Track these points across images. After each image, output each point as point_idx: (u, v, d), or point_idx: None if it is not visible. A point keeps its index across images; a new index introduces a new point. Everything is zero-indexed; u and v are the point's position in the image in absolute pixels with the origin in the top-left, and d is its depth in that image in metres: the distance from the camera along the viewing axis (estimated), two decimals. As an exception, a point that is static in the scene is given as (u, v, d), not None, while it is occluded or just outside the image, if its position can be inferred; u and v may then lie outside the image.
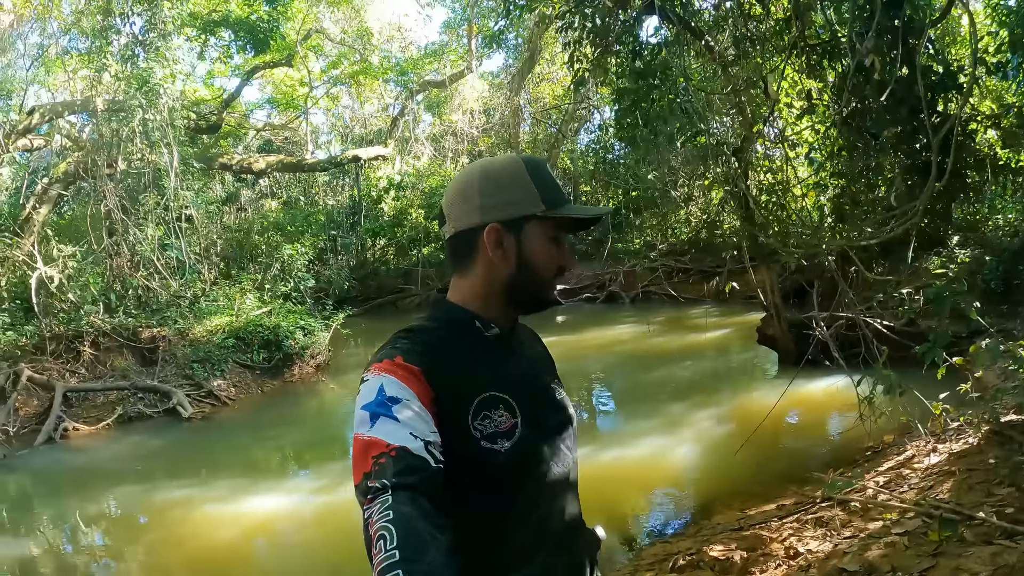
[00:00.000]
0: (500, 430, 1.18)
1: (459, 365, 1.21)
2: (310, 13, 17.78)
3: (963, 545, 3.02)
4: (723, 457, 6.16)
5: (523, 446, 1.20)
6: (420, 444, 1.05)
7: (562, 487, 1.30)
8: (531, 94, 22.23)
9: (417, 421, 1.08)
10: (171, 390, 9.26)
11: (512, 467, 1.19)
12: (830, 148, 6.53)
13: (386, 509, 0.96)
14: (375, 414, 1.08)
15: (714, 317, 14.15)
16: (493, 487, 1.18)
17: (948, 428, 4.68)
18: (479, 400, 1.18)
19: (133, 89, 9.98)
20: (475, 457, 1.15)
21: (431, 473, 1.04)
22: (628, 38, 7.55)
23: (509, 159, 1.32)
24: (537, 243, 1.27)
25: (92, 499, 6.67)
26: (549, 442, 1.28)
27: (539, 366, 1.41)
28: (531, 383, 1.32)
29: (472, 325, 1.27)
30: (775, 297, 8.56)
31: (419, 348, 1.19)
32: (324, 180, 22.62)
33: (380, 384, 1.12)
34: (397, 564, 0.90)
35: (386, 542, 0.92)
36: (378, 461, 1.03)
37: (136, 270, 10.96)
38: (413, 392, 1.11)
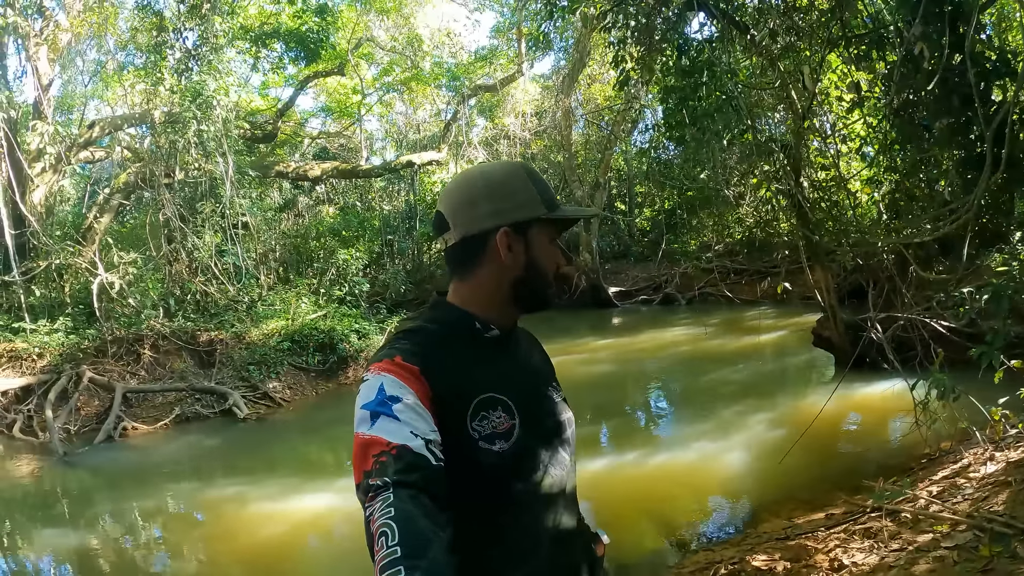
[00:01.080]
0: (498, 431, 1.19)
1: (458, 366, 1.21)
2: (360, 22, 18.09)
3: (1015, 561, 2.85)
4: (774, 463, 5.97)
5: (520, 448, 1.21)
6: (420, 442, 1.06)
7: (559, 490, 1.29)
8: (582, 95, 22.10)
9: (417, 420, 1.09)
10: (227, 391, 9.52)
11: (509, 468, 1.20)
12: (882, 141, 6.26)
13: (387, 507, 0.97)
14: (375, 413, 1.09)
15: (770, 319, 13.80)
16: (489, 488, 1.18)
17: (1007, 435, 4.42)
18: (477, 401, 1.19)
19: (187, 101, 10.33)
20: (472, 457, 1.15)
21: (432, 471, 1.05)
22: (672, 35, 7.42)
23: (509, 164, 1.36)
24: (542, 244, 1.30)
25: (149, 495, 6.89)
26: (546, 445, 1.28)
27: (538, 369, 1.42)
28: (530, 385, 1.33)
29: (472, 326, 1.28)
30: (831, 298, 8.28)
31: (418, 348, 1.20)
32: (380, 185, 22.98)
33: (380, 383, 1.13)
34: (399, 561, 0.91)
35: (387, 539, 0.93)
36: (379, 459, 1.04)
37: (194, 276, 11.34)
38: (412, 391, 1.12)
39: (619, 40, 7.59)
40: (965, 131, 4.95)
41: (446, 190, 1.35)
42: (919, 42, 4.40)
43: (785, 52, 6.40)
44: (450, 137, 20.12)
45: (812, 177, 7.94)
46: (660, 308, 17.94)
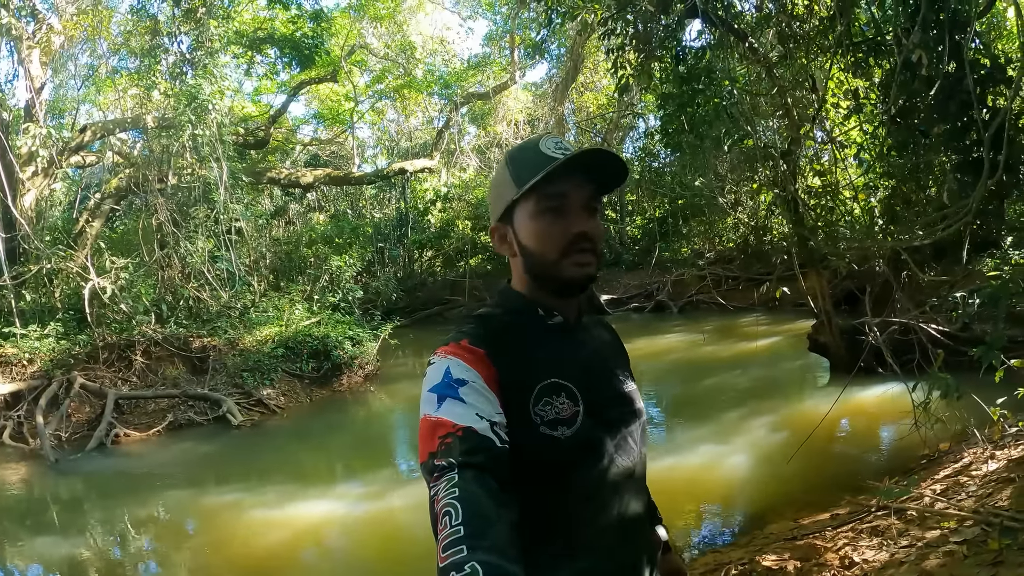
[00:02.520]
0: (561, 417, 1.17)
1: (523, 350, 1.21)
2: (353, 29, 18.12)
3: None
4: (776, 466, 6.02)
5: (584, 435, 1.19)
6: (486, 424, 1.07)
7: (625, 481, 1.27)
8: (575, 103, 22.23)
9: (483, 402, 1.10)
10: (221, 398, 9.44)
11: (572, 455, 1.18)
12: (879, 148, 6.35)
13: (452, 487, 0.98)
14: (442, 395, 1.10)
15: (764, 325, 13.85)
16: (550, 474, 1.17)
17: (1006, 434, 4.49)
18: (541, 386, 1.18)
19: (182, 105, 10.30)
20: (534, 443, 1.14)
21: (496, 453, 1.05)
22: (671, 43, 7.50)
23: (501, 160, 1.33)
24: (524, 225, 1.25)
25: (142, 503, 6.80)
26: (613, 434, 1.26)
27: (608, 357, 1.38)
28: (597, 373, 1.30)
29: (535, 312, 1.28)
30: (826, 303, 8.35)
31: (484, 332, 1.21)
32: (371, 193, 22.98)
33: (447, 366, 1.14)
34: (461, 540, 0.91)
35: (451, 518, 0.94)
36: (444, 441, 1.05)
37: (187, 281, 11.26)
38: (479, 374, 1.13)
39: (618, 47, 7.65)
40: (962, 136, 5.04)
41: None
42: (917, 49, 4.47)
43: (783, 60, 6.49)
44: (442, 145, 20.18)
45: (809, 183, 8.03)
46: (652, 315, 17.97)
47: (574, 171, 1.21)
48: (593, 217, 1.24)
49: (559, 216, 1.22)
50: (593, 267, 1.24)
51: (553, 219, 1.22)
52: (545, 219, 1.23)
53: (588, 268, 1.23)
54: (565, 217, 1.22)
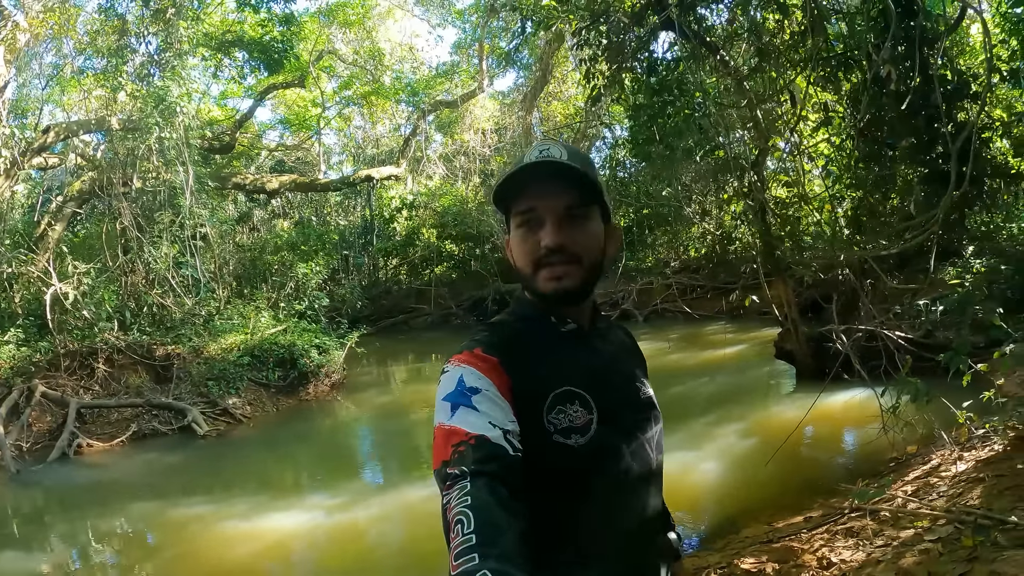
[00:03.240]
0: (574, 425, 1.17)
1: (536, 358, 1.21)
2: (322, 34, 18.00)
3: (997, 549, 2.99)
4: (748, 471, 6.12)
5: (598, 443, 1.18)
6: (499, 433, 1.07)
7: (642, 487, 1.27)
8: (542, 113, 22.39)
9: (496, 410, 1.10)
10: (186, 407, 9.25)
11: (586, 463, 1.18)
12: (846, 160, 6.54)
13: (464, 495, 0.98)
14: (455, 404, 1.10)
15: (730, 333, 14.09)
16: (564, 482, 1.17)
17: (973, 436, 4.64)
18: (554, 394, 1.17)
19: (150, 107, 10.09)
20: (548, 451, 1.14)
21: (509, 461, 1.05)
22: (643, 54, 7.61)
23: None
24: (512, 239, 1.27)
25: (105, 515, 6.64)
26: (628, 441, 1.25)
27: (624, 363, 1.38)
28: (612, 380, 1.29)
29: (547, 320, 1.28)
30: (792, 311, 8.53)
31: (498, 340, 1.21)
32: (336, 200, 22.81)
33: (460, 375, 1.14)
34: (473, 548, 0.91)
35: (463, 526, 0.94)
36: (457, 449, 1.05)
37: (151, 287, 11.02)
38: (492, 382, 1.13)
39: (590, 57, 7.75)
40: (928, 150, 5.22)
41: None
42: (887, 64, 4.63)
43: (754, 72, 6.64)
44: (409, 152, 20.13)
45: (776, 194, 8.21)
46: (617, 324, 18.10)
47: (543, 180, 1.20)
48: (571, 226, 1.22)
49: (531, 230, 1.22)
50: (569, 279, 1.22)
51: (526, 234, 1.23)
52: (520, 234, 1.24)
53: (562, 281, 1.21)
54: (536, 231, 1.22)
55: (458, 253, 20.95)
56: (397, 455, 8.77)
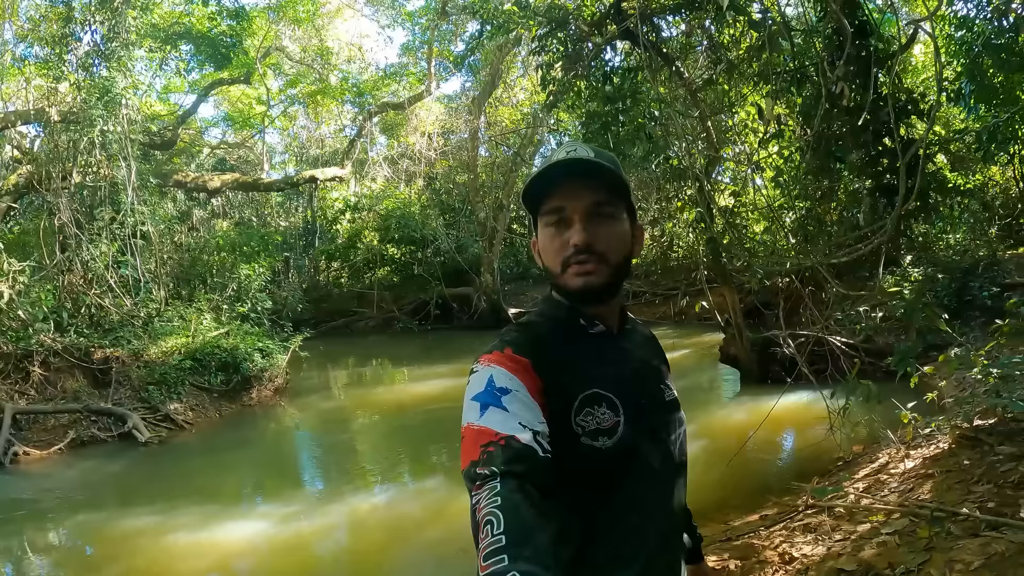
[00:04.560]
0: (602, 428, 1.17)
1: (565, 360, 1.21)
2: (271, 31, 17.63)
3: (952, 539, 3.18)
4: (697, 474, 6.22)
5: (625, 445, 1.19)
6: (529, 434, 1.07)
7: (668, 488, 1.29)
8: (489, 117, 22.46)
9: (526, 411, 1.10)
10: (126, 413, 8.90)
11: (612, 466, 1.18)
12: (795, 171, 6.81)
13: (494, 495, 0.98)
14: (485, 404, 1.11)
15: (671, 338, 14.42)
16: (593, 484, 1.17)
17: (918, 435, 4.90)
18: (582, 397, 1.18)
19: (94, 99, 9.69)
20: (575, 453, 1.15)
21: (539, 462, 1.05)
22: (599, 62, 7.75)
23: None
24: (540, 239, 1.28)
25: (43, 528, 6.37)
26: (654, 442, 1.27)
27: (648, 368, 1.38)
28: (638, 383, 1.29)
29: (576, 322, 1.28)
30: (737, 317, 8.80)
31: (528, 341, 1.21)
32: (278, 200, 22.37)
33: (490, 375, 1.14)
34: (503, 549, 0.92)
35: (493, 527, 0.95)
36: (486, 449, 1.05)
37: (89, 287, 10.55)
38: (522, 383, 1.13)
39: (546, 64, 7.84)
40: (876, 163, 5.49)
41: None
42: (840, 81, 4.85)
43: (707, 84, 6.85)
44: (354, 154, 19.90)
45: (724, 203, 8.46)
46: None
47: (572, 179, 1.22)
48: (597, 224, 1.23)
49: (559, 229, 1.24)
50: (596, 276, 1.23)
51: (554, 233, 1.24)
52: (548, 233, 1.26)
53: (589, 277, 1.23)
54: (564, 230, 1.23)
55: (400, 257, 20.81)
56: (342, 462, 8.65)
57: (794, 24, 6.08)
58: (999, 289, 7.02)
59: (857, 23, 5.19)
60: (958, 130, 7.40)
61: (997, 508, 3.35)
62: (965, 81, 6.32)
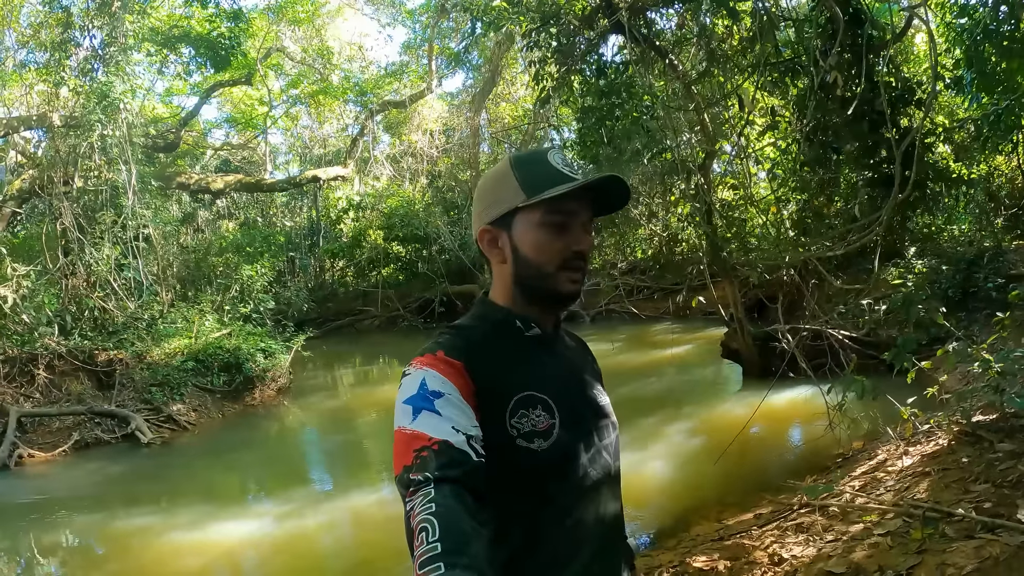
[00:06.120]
0: (537, 430, 1.16)
1: (499, 362, 1.20)
2: (271, 31, 17.64)
3: (946, 541, 3.09)
4: (696, 470, 6.20)
5: (560, 448, 1.18)
6: (462, 438, 1.06)
7: (602, 493, 1.27)
8: (490, 114, 22.39)
9: (459, 415, 1.08)
10: (129, 415, 8.95)
11: (548, 468, 1.17)
12: (792, 163, 6.71)
13: (428, 502, 0.97)
14: (417, 408, 1.09)
15: (675, 333, 14.29)
16: (527, 487, 1.16)
17: (917, 431, 4.80)
18: (517, 398, 1.17)
19: (92, 103, 9.73)
20: (510, 455, 1.13)
21: (473, 467, 1.04)
22: (593, 57, 7.67)
23: (502, 161, 1.32)
24: (525, 233, 1.24)
25: (48, 528, 6.38)
26: (588, 447, 1.26)
27: (582, 370, 1.39)
28: (572, 386, 1.30)
29: (512, 324, 1.27)
30: (739, 311, 8.70)
31: (461, 343, 1.20)
32: (282, 200, 22.41)
33: (423, 378, 1.12)
34: (439, 556, 0.90)
35: (428, 534, 0.93)
36: (420, 454, 1.03)
37: (92, 290, 10.62)
38: (455, 386, 1.11)
39: (540, 59, 7.77)
40: (872, 154, 5.39)
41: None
42: (834, 71, 4.76)
43: (702, 76, 6.76)
44: (356, 153, 19.89)
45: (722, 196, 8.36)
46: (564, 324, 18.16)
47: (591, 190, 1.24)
48: (589, 235, 1.27)
49: (562, 232, 1.23)
50: (581, 283, 1.27)
51: (557, 233, 1.23)
52: (548, 232, 1.23)
53: (578, 284, 1.26)
54: (568, 233, 1.23)
55: (405, 255, 20.79)
56: (345, 461, 8.66)
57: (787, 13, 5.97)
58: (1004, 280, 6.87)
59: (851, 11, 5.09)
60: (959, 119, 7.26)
61: (994, 509, 3.26)
62: (966, 69, 6.20)
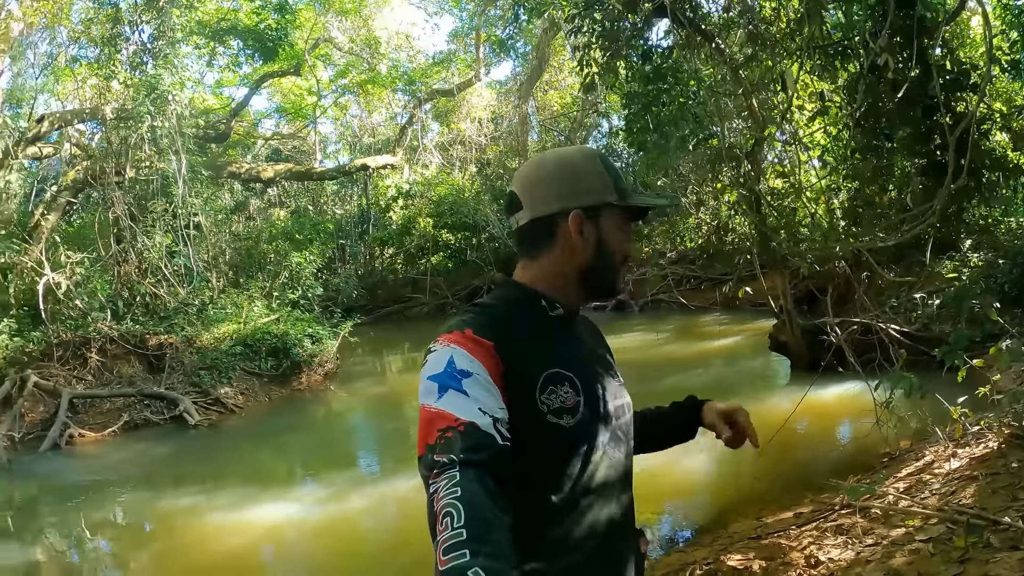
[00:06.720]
0: (566, 406, 1.17)
1: (526, 340, 1.21)
2: (318, 22, 17.84)
3: (990, 551, 2.93)
4: (738, 465, 6.05)
5: (584, 426, 1.20)
6: (489, 420, 1.05)
7: (616, 473, 1.28)
8: (539, 102, 22.23)
9: (486, 396, 1.08)
10: (178, 397, 9.21)
11: (574, 444, 1.19)
12: (843, 150, 6.45)
13: (453, 486, 0.96)
14: (444, 386, 1.08)
15: (724, 324, 14.01)
16: (552, 463, 1.17)
17: (967, 432, 4.57)
18: (546, 375, 1.17)
19: (141, 96, 10.01)
20: (541, 431, 1.14)
21: (498, 451, 1.03)
22: (638, 42, 7.50)
23: (584, 149, 1.40)
24: (612, 231, 1.29)
25: (97, 506, 6.62)
26: (607, 427, 1.27)
27: (600, 352, 1.42)
28: (592, 367, 1.32)
29: (538, 304, 1.28)
30: (788, 303, 8.45)
31: (490, 322, 1.20)
32: (332, 189, 22.71)
33: (450, 356, 1.11)
34: (464, 544, 0.89)
35: (452, 520, 0.92)
36: (444, 435, 1.03)
37: (144, 277, 10.96)
38: (483, 366, 1.11)
39: (584, 45, 7.63)
40: (926, 140, 5.13)
41: (520, 170, 1.36)
42: (884, 53, 4.53)
43: (749, 61, 6.54)
44: (405, 141, 20.00)
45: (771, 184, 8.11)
46: (613, 314, 18.03)
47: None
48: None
49: (626, 236, 1.33)
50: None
51: (627, 236, 1.34)
52: (625, 233, 1.33)
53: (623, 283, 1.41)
54: (627, 238, 1.34)
55: (454, 242, 20.86)
56: (390, 445, 8.73)
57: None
58: (1066, 275, 6.50)
59: (902, -10, 4.85)
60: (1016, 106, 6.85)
61: (1042, 518, 3.07)
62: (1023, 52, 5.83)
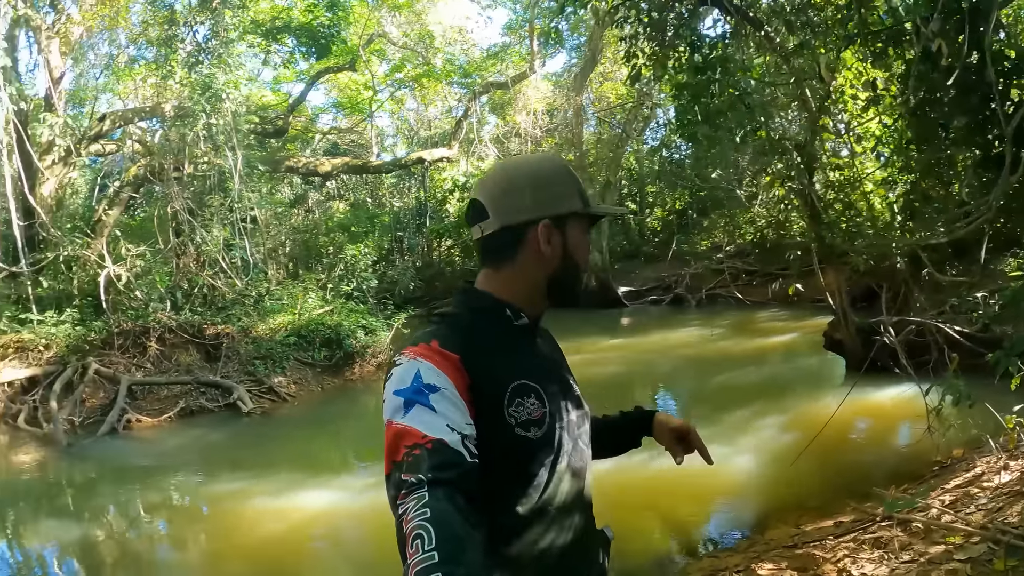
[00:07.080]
0: (532, 418, 1.16)
1: (491, 350, 1.18)
2: (372, 18, 18.04)
3: (1030, 576, 2.75)
4: (783, 468, 5.85)
5: (550, 437, 1.19)
6: (457, 437, 1.02)
7: (579, 481, 1.28)
8: (594, 93, 21.96)
9: (454, 412, 1.05)
10: (232, 385, 9.49)
11: (541, 455, 1.18)
12: (898, 141, 6.13)
13: (423, 506, 0.93)
14: (410, 401, 1.05)
15: (780, 321, 13.64)
16: (521, 476, 1.16)
17: (1021, 443, 4.30)
18: (513, 387, 1.16)
19: (196, 95, 10.33)
20: (509, 444, 1.13)
21: (467, 468, 1.01)
22: (685, 31, 7.29)
23: (550, 157, 1.39)
24: (577, 238, 1.28)
25: (153, 488, 6.89)
26: (571, 435, 1.26)
27: (559, 361, 1.40)
28: (554, 375, 1.31)
29: (503, 313, 1.25)
30: (843, 300, 8.13)
31: (455, 335, 1.17)
32: (390, 182, 22.97)
33: (417, 369, 1.09)
34: (436, 566, 0.87)
35: (423, 542, 0.89)
36: (412, 452, 1.00)
37: (202, 269, 11.34)
38: (450, 380, 1.08)
39: (631, 35, 7.47)
40: (983, 131, 4.83)
41: (485, 179, 1.33)
42: (937, 39, 4.27)
43: (799, 49, 6.28)
44: (461, 134, 20.07)
45: (826, 177, 7.79)
46: (669, 308, 17.79)
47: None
48: None
49: (588, 243, 1.34)
50: None
51: (588, 243, 1.33)
52: (587, 240, 1.32)
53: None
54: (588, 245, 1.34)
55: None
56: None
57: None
58: None
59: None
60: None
61: (1091, 540, 2.85)
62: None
